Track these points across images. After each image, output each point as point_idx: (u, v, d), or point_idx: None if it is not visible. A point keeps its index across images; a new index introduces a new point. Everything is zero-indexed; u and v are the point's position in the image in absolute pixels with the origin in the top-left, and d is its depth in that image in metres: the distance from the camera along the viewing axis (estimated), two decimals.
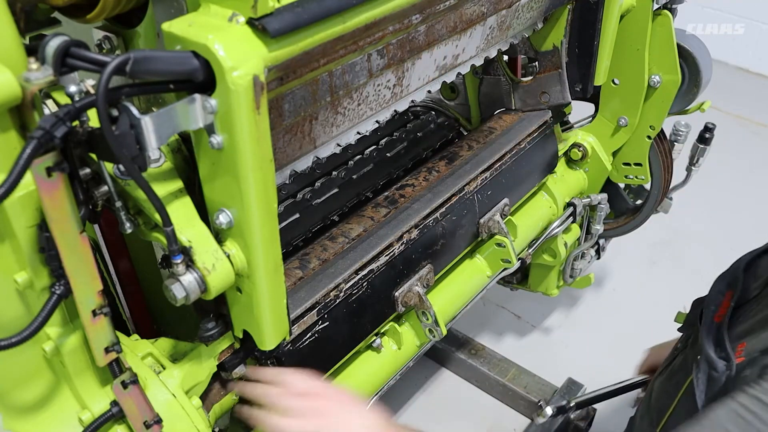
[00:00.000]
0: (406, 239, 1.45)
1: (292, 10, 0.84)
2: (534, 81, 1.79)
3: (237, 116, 0.82)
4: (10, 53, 0.77)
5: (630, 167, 1.98)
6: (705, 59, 1.80)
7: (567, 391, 2.20)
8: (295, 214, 1.52)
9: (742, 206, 3.22)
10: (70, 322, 0.97)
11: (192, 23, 0.82)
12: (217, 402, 1.22)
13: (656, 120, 1.85)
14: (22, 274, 0.88)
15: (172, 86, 0.83)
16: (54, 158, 0.76)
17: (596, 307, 2.75)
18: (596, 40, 1.64)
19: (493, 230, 1.65)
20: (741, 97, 4.09)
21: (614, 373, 2.42)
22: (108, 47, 1.05)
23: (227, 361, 1.17)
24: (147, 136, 0.79)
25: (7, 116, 0.79)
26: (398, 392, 2.35)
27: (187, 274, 0.93)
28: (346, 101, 1.16)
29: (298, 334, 1.26)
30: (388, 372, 1.52)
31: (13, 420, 0.99)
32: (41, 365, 0.98)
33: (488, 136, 1.76)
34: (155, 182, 0.94)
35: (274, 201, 0.94)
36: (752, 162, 3.59)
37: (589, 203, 1.99)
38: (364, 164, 1.71)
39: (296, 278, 1.31)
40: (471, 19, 1.33)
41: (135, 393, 1.00)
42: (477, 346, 2.43)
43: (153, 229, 0.98)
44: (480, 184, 1.63)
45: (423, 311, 1.47)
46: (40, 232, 0.85)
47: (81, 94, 0.78)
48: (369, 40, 1.07)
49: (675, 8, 1.75)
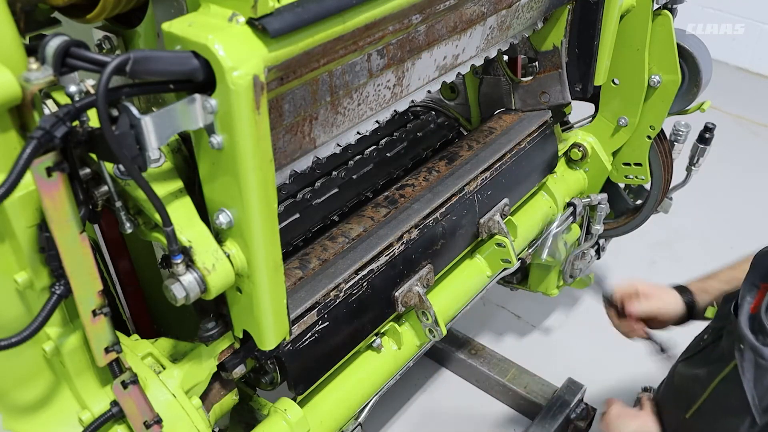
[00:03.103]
0: (406, 239, 1.45)
1: (292, 10, 0.84)
2: (534, 81, 1.79)
3: (237, 116, 0.82)
4: (10, 53, 0.77)
5: (630, 167, 1.98)
6: (705, 59, 1.80)
7: (567, 391, 2.20)
8: (295, 214, 1.52)
9: (742, 206, 3.22)
10: (70, 322, 0.97)
11: (192, 23, 0.82)
12: (217, 402, 1.22)
13: (656, 120, 1.84)
14: (22, 274, 0.88)
15: (172, 86, 0.83)
16: (54, 158, 0.76)
17: (596, 307, 2.75)
18: (596, 40, 1.64)
19: (493, 230, 1.65)
20: (741, 97, 4.09)
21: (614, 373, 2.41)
22: (108, 47, 1.05)
23: (227, 361, 1.17)
24: (147, 136, 0.79)
25: (7, 116, 0.79)
26: (398, 392, 2.35)
27: (187, 274, 0.93)
28: (346, 101, 1.16)
29: (298, 334, 1.26)
30: (388, 372, 1.52)
31: (13, 420, 0.99)
32: (41, 365, 0.98)
33: (488, 136, 1.76)
34: (155, 182, 0.94)
35: (274, 201, 0.94)
36: (752, 162, 3.59)
37: (589, 203, 1.99)
38: (364, 164, 1.71)
39: (296, 278, 1.31)
40: (471, 19, 1.33)
41: (135, 393, 1.00)
42: (477, 346, 2.43)
43: (153, 229, 0.98)
44: (480, 184, 1.63)
45: (423, 311, 1.47)
46: (40, 232, 0.85)
47: (81, 94, 0.78)
48: (369, 40, 1.07)
49: (675, 8, 1.75)
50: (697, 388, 1.31)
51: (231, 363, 1.18)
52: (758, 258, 1.25)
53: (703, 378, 1.30)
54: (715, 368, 1.26)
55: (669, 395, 1.46)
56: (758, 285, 1.20)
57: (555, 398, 2.18)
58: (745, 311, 1.18)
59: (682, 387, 1.40)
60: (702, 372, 1.32)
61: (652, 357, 1.65)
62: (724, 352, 1.24)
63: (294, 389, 1.30)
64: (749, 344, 1.13)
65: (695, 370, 1.37)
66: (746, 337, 1.14)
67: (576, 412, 2.18)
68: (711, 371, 1.28)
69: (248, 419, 1.35)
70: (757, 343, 1.12)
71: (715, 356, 1.30)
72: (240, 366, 1.19)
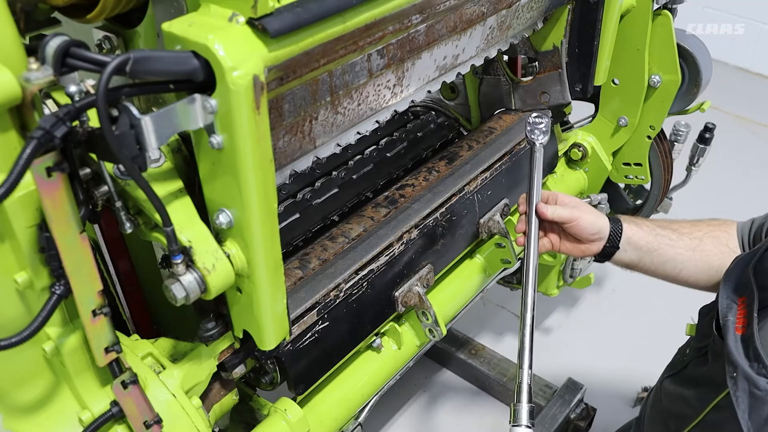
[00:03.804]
0: (406, 239, 1.45)
1: (292, 10, 0.84)
2: (534, 81, 1.79)
3: (237, 116, 0.82)
4: (10, 53, 0.77)
5: (630, 167, 1.98)
6: (705, 59, 1.80)
7: (567, 391, 2.20)
8: (295, 214, 1.52)
9: (742, 206, 3.21)
10: (70, 322, 0.97)
11: (192, 23, 0.82)
12: (217, 402, 1.22)
13: (656, 120, 1.85)
14: (22, 274, 0.88)
15: (172, 86, 0.83)
16: (54, 158, 0.76)
17: (596, 307, 2.75)
18: (596, 40, 1.64)
19: (493, 230, 1.65)
20: (741, 97, 4.09)
21: (614, 373, 2.42)
22: (108, 47, 1.05)
23: (227, 361, 1.17)
24: (147, 136, 0.79)
25: (7, 116, 0.79)
26: (398, 392, 2.35)
27: (187, 274, 0.93)
28: (346, 101, 1.16)
29: (298, 334, 1.26)
30: (388, 372, 1.52)
31: (13, 420, 0.99)
32: (41, 365, 0.98)
33: (488, 136, 1.76)
34: (155, 182, 0.94)
35: (274, 201, 0.94)
36: (752, 162, 3.59)
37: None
38: (364, 164, 1.71)
39: (296, 278, 1.31)
40: (471, 19, 1.33)
41: (135, 393, 1.00)
42: (477, 346, 2.43)
43: (153, 229, 0.98)
44: (480, 184, 1.63)
45: (423, 311, 1.47)
46: (40, 232, 0.85)
47: (81, 94, 0.77)
48: (369, 40, 1.07)
49: (675, 8, 1.75)
50: (687, 410, 1.26)
51: (231, 363, 1.18)
52: (728, 273, 1.21)
53: (692, 401, 1.26)
54: (705, 393, 1.21)
55: (657, 415, 1.42)
56: (736, 301, 1.16)
57: (555, 398, 2.18)
58: (731, 333, 1.12)
59: (672, 407, 1.36)
60: (690, 393, 1.28)
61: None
62: (714, 376, 1.18)
63: (294, 389, 1.30)
64: (743, 373, 1.08)
65: (683, 391, 1.32)
66: (740, 366, 1.08)
67: (576, 412, 2.18)
68: (701, 396, 1.23)
69: (248, 419, 1.36)
70: (752, 372, 1.07)
71: (704, 379, 1.25)
72: (240, 366, 1.19)
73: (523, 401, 1.17)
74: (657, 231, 1.38)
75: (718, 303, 1.19)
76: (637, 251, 1.37)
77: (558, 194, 1.38)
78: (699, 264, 1.36)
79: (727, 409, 1.12)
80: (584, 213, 1.34)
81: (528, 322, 1.26)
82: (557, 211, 1.32)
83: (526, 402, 1.17)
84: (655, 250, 1.36)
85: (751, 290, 1.13)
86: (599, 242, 1.36)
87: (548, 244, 1.39)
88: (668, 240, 1.37)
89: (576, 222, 1.33)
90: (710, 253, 1.36)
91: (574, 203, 1.36)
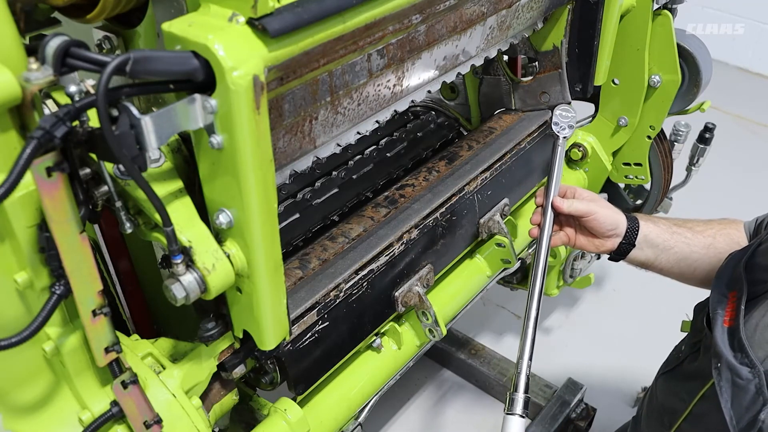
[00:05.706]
0: (406, 239, 1.45)
1: (292, 10, 0.84)
2: (534, 81, 1.79)
3: (237, 116, 0.82)
4: (10, 53, 0.77)
5: (630, 167, 1.98)
6: (705, 59, 1.80)
7: (567, 391, 2.20)
8: (295, 214, 1.52)
9: (742, 206, 3.21)
10: (70, 322, 0.97)
11: (192, 23, 0.82)
12: (217, 402, 1.22)
13: (656, 120, 1.85)
14: (22, 274, 0.88)
15: (172, 86, 0.83)
16: (54, 158, 0.76)
17: (596, 307, 2.75)
18: (596, 40, 1.64)
19: (493, 230, 1.65)
20: (741, 97, 4.09)
21: (614, 373, 2.42)
22: (108, 47, 1.05)
23: (227, 361, 1.17)
24: (147, 136, 0.79)
25: (7, 116, 0.79)
26: (398, 392, 2.35)
27: (187, 274, 0.93)
28: (346, 101, 1.16)
29: (298, 334, 1.26)
30: (388, 372, 1.52)
31: (13, 420, 0.99)
32: (41, 365, 0.98)
33: (488, 136, 1.76)
34: (155, 182, 0.94)
35: (274, 201, 0.94)
36: (752, 162, 3.59)
37: None
38: (364, 164, 1.71)
39: (296, 278, 1.31)
40: (471, 19, 1.33)
41: (135, 393, 1.00)
42: (477, 346, 2.43)
43: (153, 229, 0.98)
44: (480, 184, 1.63)
45: (423, 311, 1.47)
46: (40, 232, 0.85)
47: (81, 94, 0.78)
48: (369, 40, 1.07)
49: (675, 8, 1.75)
50: (679, 404, 1.27)
51: (231, 363, 1.18)
52: (721, 270, 1.21)
53: (683, 395, 1.26)
54: (694, 386, 1.22)
55: (653, 412, 1.42)
56: (726, 295, 1.16)
57: (555, 398, 2.18)
58: (719, 325, 1.13)
59: (666, 403, 1.36)
60: (682, 388, 1.28)
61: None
62: (703, 369, 1.19)
63: (294, 389, 1.30)
64: (726, 363, 1.09)
65: (675, 387, 1.33)
66: (723, 356, 1.10)
67: (576, 412, 2.18)
68: (690, 389, 1.23)
69: (248, 419, 1.36)
70: (734, 361, 1.08)
71: (694, 373, 1.25)
72: (240, 366, 1.19)
73: (519, 391, 1.20)
74: (673, 229, 1.38)
75: (710, 298, 1.20)
76: (653, 249, 1.36)
77: (576, 188, 1.38)
78: (713, 262, 1.36)
79: (712, 399, 1.13)
80: (602, 207, 1.34)
81: (533, 314, 1.27)
82: (574, 204, 1.33)
83: (522, 392, 1.20)
84: (671, 248, 1.36)
85: (741, 284, 1.14)
86: (615, 238, 1.36)
87: (564, 238, 1.39)
88: (684, 238, 1.37)
89: (593, 216, 1.33)
90: (723, 251, 1.35)
91: (591, 197, 1.36)
